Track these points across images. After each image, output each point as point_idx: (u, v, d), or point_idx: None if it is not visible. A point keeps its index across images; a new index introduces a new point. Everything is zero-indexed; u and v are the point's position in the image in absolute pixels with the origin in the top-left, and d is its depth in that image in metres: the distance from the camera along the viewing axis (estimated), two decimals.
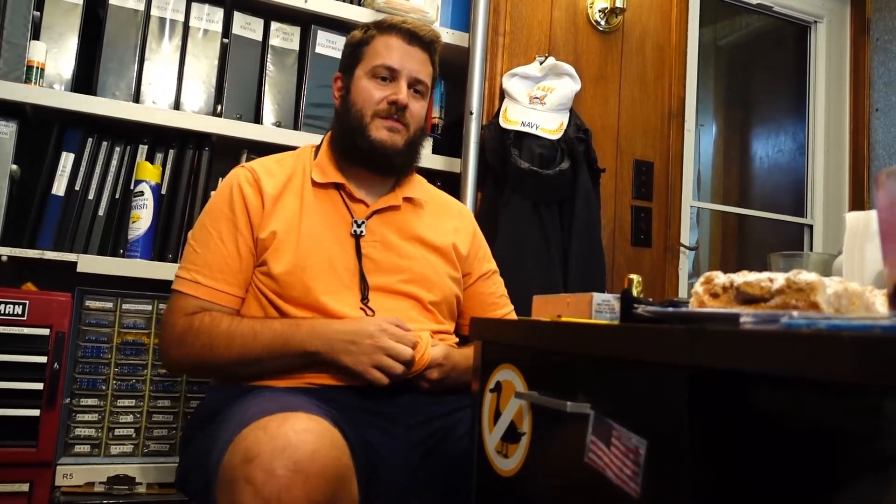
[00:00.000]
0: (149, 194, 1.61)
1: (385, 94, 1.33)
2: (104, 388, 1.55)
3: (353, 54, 1.39)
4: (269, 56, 1.82)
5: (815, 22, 2.74)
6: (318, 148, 1.41)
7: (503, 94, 2.03)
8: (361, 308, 1.27)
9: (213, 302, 1.25)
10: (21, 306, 1.42)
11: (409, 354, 1.18)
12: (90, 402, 1.54)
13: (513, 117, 1.97)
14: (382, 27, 1.38)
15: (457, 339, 1.40)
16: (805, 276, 0.70)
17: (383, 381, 1.18)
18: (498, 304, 1.49)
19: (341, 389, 1.21)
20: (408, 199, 1.40)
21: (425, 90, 1.39)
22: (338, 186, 1.35)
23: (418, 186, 1.44)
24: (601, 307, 0.96)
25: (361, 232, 1.32)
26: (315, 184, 1.33)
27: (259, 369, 1.21)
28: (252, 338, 1.19)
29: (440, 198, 1.52)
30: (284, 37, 1.84)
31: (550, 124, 1.97)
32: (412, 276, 1.32)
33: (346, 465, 0.97)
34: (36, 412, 1.41)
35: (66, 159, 1.60)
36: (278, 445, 0.90)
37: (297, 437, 0.91)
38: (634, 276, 1.27)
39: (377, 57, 1.35)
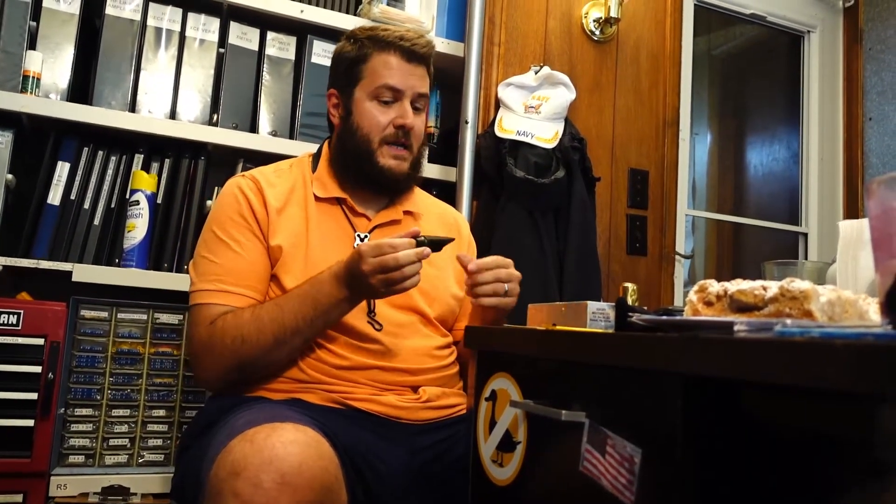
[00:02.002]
0: (144, 203, 1.61)
1: (390, 118, 1.32)
2: (99, 397, 1.54)
3: (349, 72, 1.35)
4: (265, 65, 1.82)
5: (809, 32, 2.75)
6: (315, 157, 1.40)
7: (498, 104, 2.04)
8: (369, 321, 1.26)
9: (239, 308, 1.22)
10: (16, 316, 1.42)
11: (397, 272, 1.13)
12: (85, 411, 1.53)
13: (508, 126, 1.98)
14: (379, 43, 1.34)
15: (455, 351, 1.39)
16: (798, 285, 0.70)
17: (398, 289, 1.16)
18: None
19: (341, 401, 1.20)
20: (408, 213, 1.40)
21: (425, 103, 1.39)
22: (339, 201, 1.35)
23: (416, 198, 1.44)
24: (596, 315, 0.96)
25: None
26: (317, 198, 1.33)
27: (300, 340, 1.19)
28: (280, 312, 1.17)
29: (437, 208, 1.52)
30: (280, 46, 1.85)
31: (545, 133, 1.98)
32: (414, 290, 1.30)
33: (334, 475, 0.96)
34: (30, 422, 1.40)
35: (62, 168, 1.60)
36: (265, 458, 0.89)
37: (283, 449, 0.91)
38: (629, 285, 1.28)
39: (378, 77, 1.32)
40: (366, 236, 1.33)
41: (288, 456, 0.90)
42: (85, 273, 1.55)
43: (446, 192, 1.91)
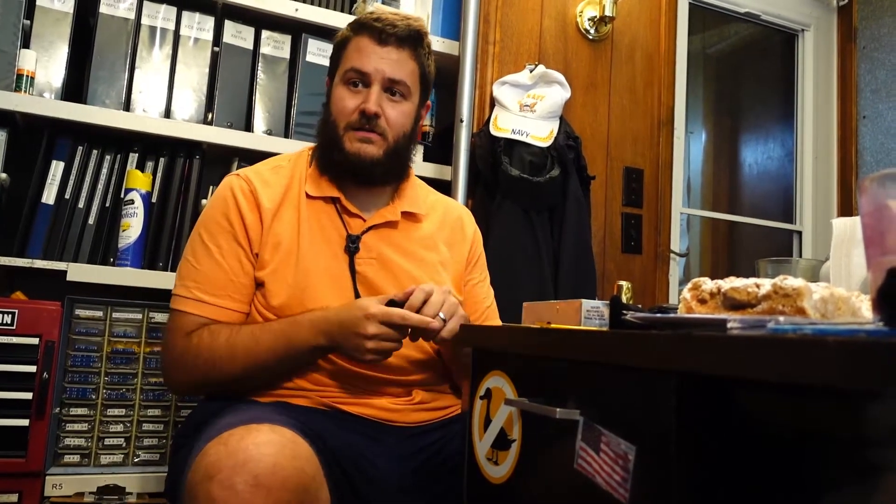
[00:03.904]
0: (139, 202, 1.61)
1: (357, 103, 1.26)
2: (94, 397, 1.54)
3: (334, 58, 1.33)
4: (259, 64, 1.82)
5: (803, 30, 2.76)
6: (314, 152, 1.35)
7: (493, 102, 2.04)
8: None
9: (216, 319, 1.20)
10: (10, 315, 1.41)
11: (393, 343, 1.13)
12: (80, 411, 1.53)
13: (503, 125, 1.98)
14: (357, 27, 1.29)
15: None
16: (791, 282, 0.70)
17: (381, 359, 1.15)
18: (486, 314, 1.44)
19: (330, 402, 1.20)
20: (407, 214, 1.34)
21: (407, 91, 1.29)
22: (333, 200, 1.29)
23: (417, 196, 1.38)
24: (590, 314, 0.97)
25: (356, 248, 1.26)
26: (309, 196, 1.28)
27: (267, 375, 1.18)
28: (254, 344, 1.16)
29: (441, 205, 1.45)
30: (275, 45, 1.85)
31: (541, 132, 1.98)
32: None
33: (311, 475, 0.95)
34: (25, 422, 1.40)
35: (56, 168, 1.60)
36: (238, 461, 0.89)
37: (256, 450, 0.90)
38: (624, 283, 1.28)
39: (348, 61, 1.28)
40: (357, 238, 1.27)
41: (262, 457, 0.89)
42: (80, 272, 1.55)
43: (442, 190, 1.89)
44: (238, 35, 1.81)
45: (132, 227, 1.60)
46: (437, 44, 1.97)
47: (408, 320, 1.11)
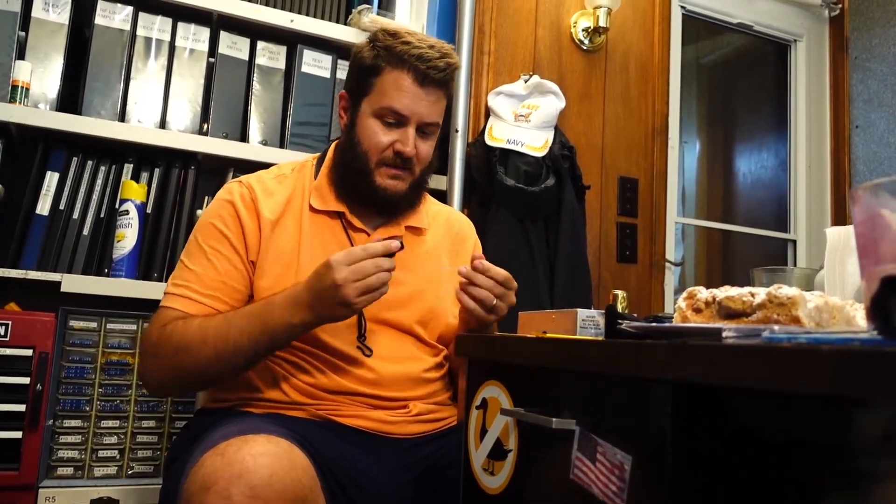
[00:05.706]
0: (134, 213, 1.61)
1: (391, 140, 1.24)
2: (88, 409, 1.53)
3: (361, 81, 1.27)
4: (255, 75, 1.83)
5: (795, 41, 2.78)
6: (319, 162, 1.35)
7: (488, 112, 2.05)
8: (358, 346, 1.22)
9: (193, 315, 1.18)
10: (4, 327, 1.41)
11: (376, 276, 1.08)
12: (73, 423, 1.52)
13: (498, 135, 1.98)
14: (394, 58, 1.23)
15: (446, 365, 1.36)
16: (786, 291, 0.70)
17: (375, 297, 1.10)
18: None
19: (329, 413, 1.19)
20: (411, 228, 1.34)
21: (437, 128, 1.30)
22: (338, 214, 1.29)
23: (420, 209, 1.38)
24: (586, 323, 0.97)
25: None
26: (313, 209, 1.27)
27: (242, 360, 1.13)
28: (226, 327, 1.11)
29: (443, 216, 1.46)
30: (270, 56, 1.85)
31: (535, 142, 1.99)
32: (411, 312, 1.27)
33: (308, 486, 0.94)
34: (18, 434, 1.39)
35: (51, 178, 1.60)
36: (235, 472, 0.88)
37: (253, 461, 0.89)
38: (619, 292, 1.29)
39: (385, 96, 1.24)
40: None
41: (258, 468, 0.89)
42: (74, 283, 1.55)
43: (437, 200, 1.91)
44: (233, 46, 1.81)
45: (127, 237, 1.60)
46: None
47: (370, 250, 1.07)
